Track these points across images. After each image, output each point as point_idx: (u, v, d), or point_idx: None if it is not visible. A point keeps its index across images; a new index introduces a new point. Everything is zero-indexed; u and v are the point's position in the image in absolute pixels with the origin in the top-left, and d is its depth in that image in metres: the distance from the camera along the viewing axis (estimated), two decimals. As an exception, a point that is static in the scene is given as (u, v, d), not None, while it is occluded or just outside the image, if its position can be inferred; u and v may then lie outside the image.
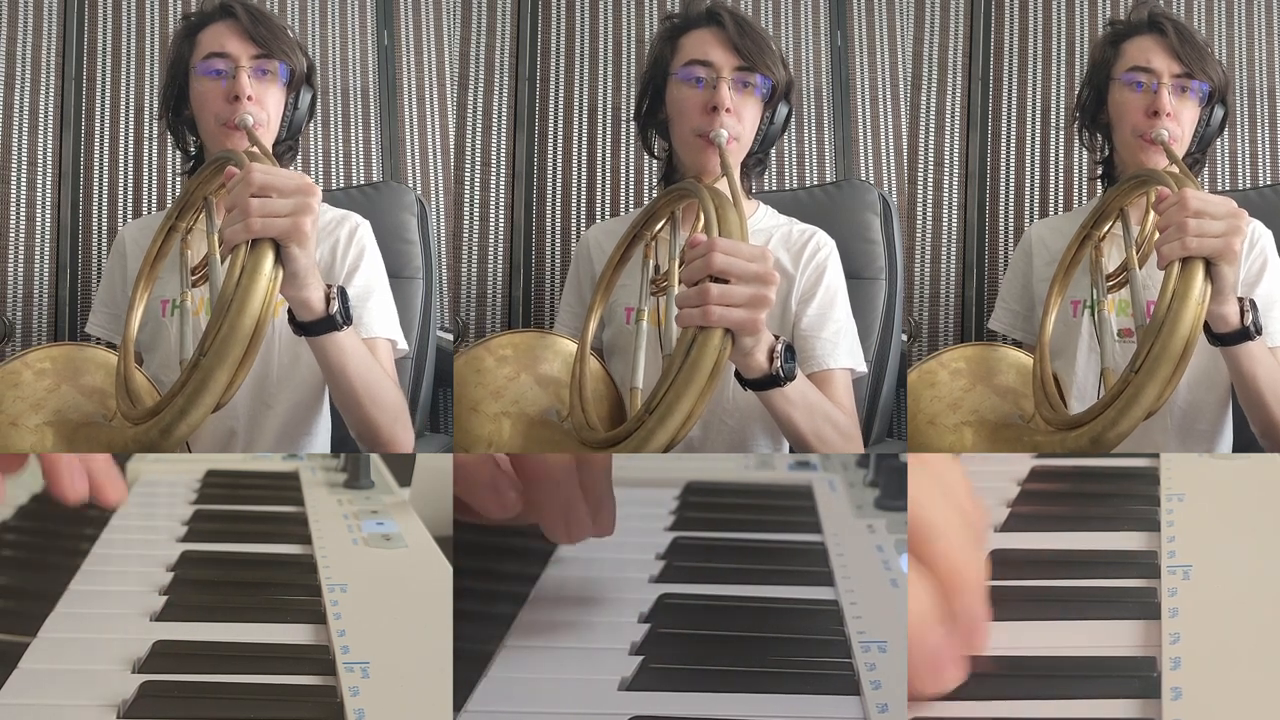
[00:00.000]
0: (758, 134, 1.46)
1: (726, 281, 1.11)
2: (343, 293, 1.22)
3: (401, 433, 1.34)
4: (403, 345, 1.46)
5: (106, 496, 0.94)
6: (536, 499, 0.86)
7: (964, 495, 0.78)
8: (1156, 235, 1.25)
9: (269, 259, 1.12)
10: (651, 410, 1.12)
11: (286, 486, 1.34)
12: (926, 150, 2.01)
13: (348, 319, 1.23)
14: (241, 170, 1.16)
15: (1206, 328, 1.23)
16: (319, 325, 1.22)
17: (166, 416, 1.14)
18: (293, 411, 1.41)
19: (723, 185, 1.30)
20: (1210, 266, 1.17)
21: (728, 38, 1.43)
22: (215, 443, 1.41)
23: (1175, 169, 1.35)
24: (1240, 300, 1.23)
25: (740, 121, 1.42)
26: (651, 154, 1.57)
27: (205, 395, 1.12)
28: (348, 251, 1.45)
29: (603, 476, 0.89)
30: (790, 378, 1.20)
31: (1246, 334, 1.24)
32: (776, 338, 1.19)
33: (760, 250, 1.13)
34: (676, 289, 1.30)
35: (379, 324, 1.42)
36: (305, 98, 1.48)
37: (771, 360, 1.18)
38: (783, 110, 1.46)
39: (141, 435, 1.18)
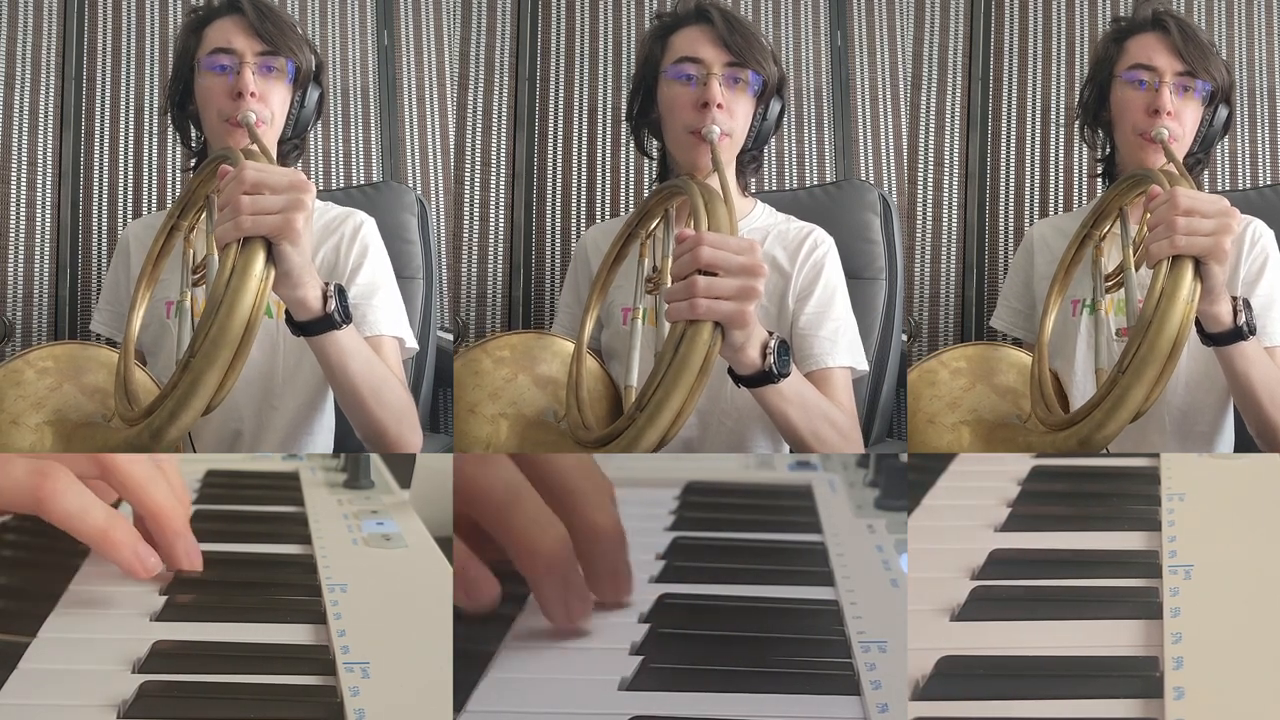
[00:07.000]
0: (751, 130, 1.46)
1: (715, 275, 1.11)
2: (340, 290, 1.21)
3: (409, 434, 1.32)
4: (411, 344, 1.44)
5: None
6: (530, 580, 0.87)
7: None
8: (1150, 234, 1.25)
9: (259, 258, 1.11)
10: (642, 408, 1.12)
11: (286, 486, 1.33)
12: (926, 150, 2.01)
13: (346, 317, 1.22)
14: (235, 168, 1.15)
15: (1200, 328, 1.23)
16: (316, 324, 1.21)
17: (157, 419, 1.14)
18: (298, 412, 1.41)
19: (715, 182, 1.30)
20: (1200, 265, 1.16)
21: (717, 34, 1.42)
22: (220, 444, 1.41)
23: (1174, 168, 1.35)
24: (1234, 300, 1.22)
25: (732, 118, 1.42)
26: (645, 153, 1.57)
27: (195, 398, 1.11)
28: (351, 249, 1.44)
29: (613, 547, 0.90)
30: (784, 374, 1.19)
31: (1239, 334, 1.23)
32: (770, 333, 1.18)
33: (748, 243, 1.13)
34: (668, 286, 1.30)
35: (385, 322, 1.41)
36: (313, 95, 1.47)
37: (764, 356, 1.17)
38: (775, 106, 1.46)
39: (133, 438, 1.17)
